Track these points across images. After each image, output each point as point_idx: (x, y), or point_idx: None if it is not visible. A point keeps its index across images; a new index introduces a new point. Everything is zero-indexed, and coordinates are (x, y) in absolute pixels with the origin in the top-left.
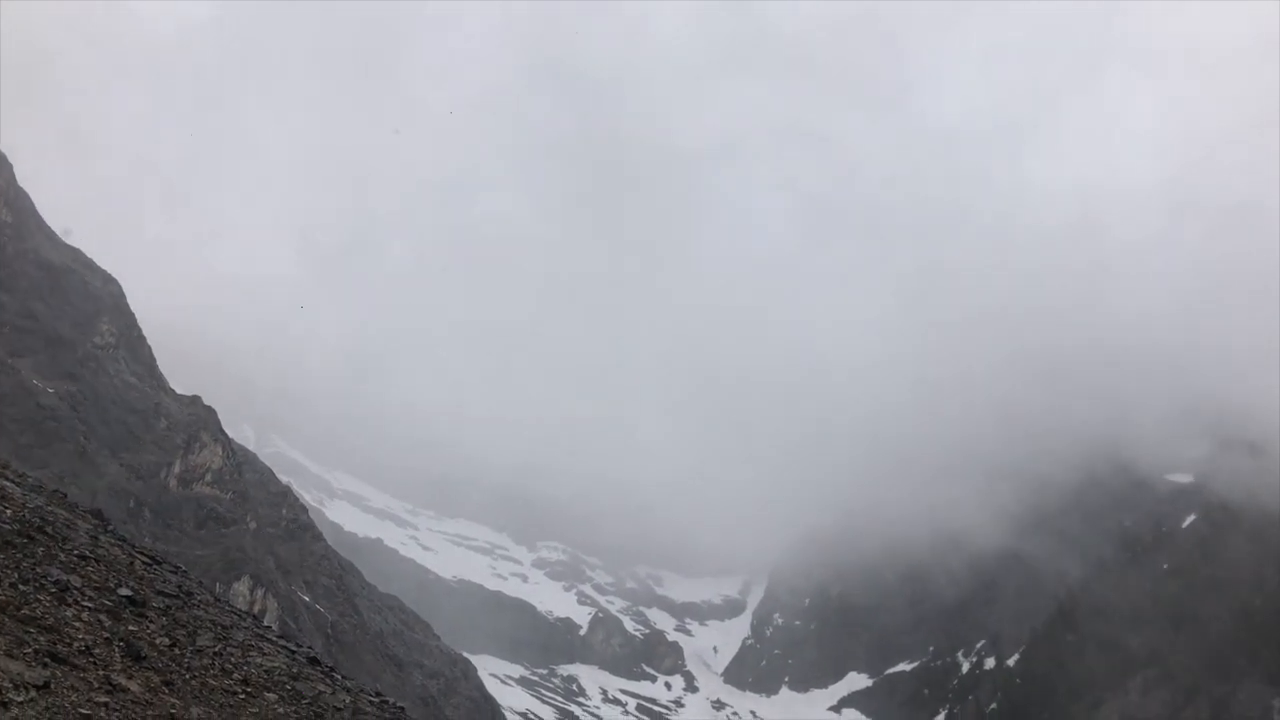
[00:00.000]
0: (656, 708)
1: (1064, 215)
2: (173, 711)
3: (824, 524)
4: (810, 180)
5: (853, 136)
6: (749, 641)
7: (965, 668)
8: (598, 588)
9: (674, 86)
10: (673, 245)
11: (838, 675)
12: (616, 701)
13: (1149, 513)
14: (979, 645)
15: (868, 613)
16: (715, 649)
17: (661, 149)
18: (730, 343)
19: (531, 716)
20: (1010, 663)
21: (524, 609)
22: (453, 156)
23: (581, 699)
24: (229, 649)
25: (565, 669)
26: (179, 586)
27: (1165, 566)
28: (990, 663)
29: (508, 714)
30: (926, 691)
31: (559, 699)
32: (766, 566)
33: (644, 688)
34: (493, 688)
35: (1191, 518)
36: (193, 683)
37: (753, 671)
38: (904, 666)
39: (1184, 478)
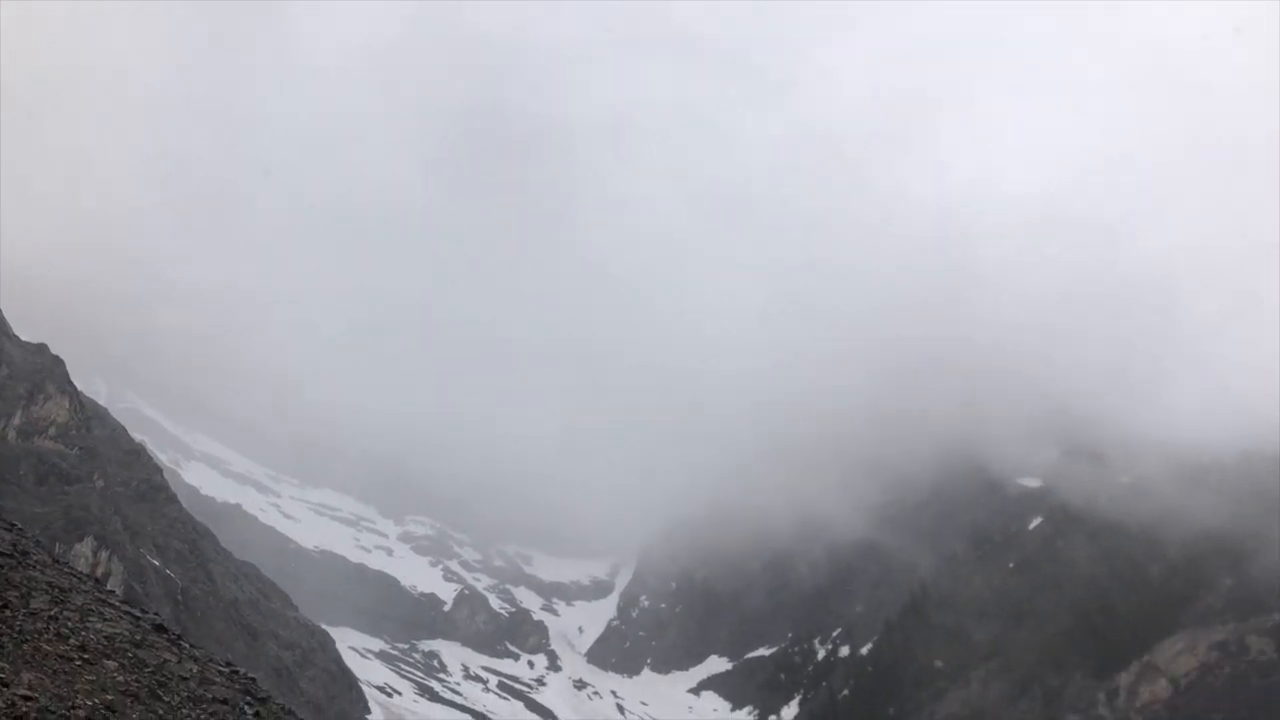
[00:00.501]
0: (518, 685)
1: (937, 222)
2: (1, 677)
3: (694, 510)
4: (697, 167)
5: (741, 127)
6: (614, 623)
7: (821, 655)
8: (465, 564)
9: (566, 61)
10: (557, 221)
11: (699, 658)
12: (478, 678)
13: (999, 512)
14: (835, 633)
15: (731, 598)
16: (580, 629)
17: (549, 123)
18: (610, 323)
19: (390, 690)
20: (863, 651)
21: (387, 583)
22: (334, 113)
23: (442, 675)
24: (66, 613)
25: (427, 644)
26: (13, 545)
27: (1011, 564)
28: (845, 650)
29: (365, 688)
30: (783, 676)
31: (419, 674)
32: (635, 550)
33: (507, 665)
34: (351, 661)
35: (1038, 520)
36: (24, 647)
37: (616, 652)
38: (763, 652)
39: (1033, 482)
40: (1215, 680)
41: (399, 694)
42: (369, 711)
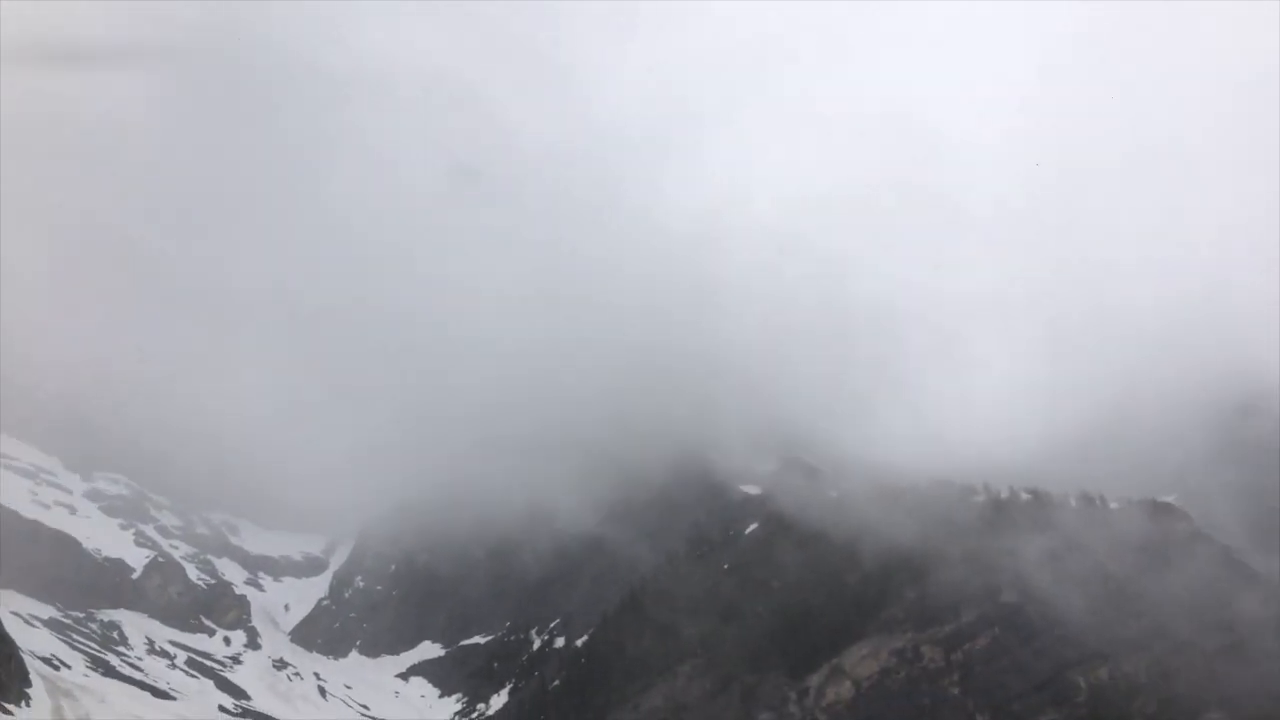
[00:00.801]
0: (209, 663)
1: (690, 232)
2: None
3: (420, 492)
4: (462, 139)
5: (511, 110)
6: (325, 602)
7: (536, 644)
8: (162, 530)
9: (328, 3)
10: (299, 171)
11: (412, 643)
12: (164, 653)
13: (720, 516)
14: (553, 624)
15: (451, 584)
16: (287, 607)
17: (301, 66)
18: (348, 288)
19: (57, 663)
20: (579, 643)
21: (65, 543)
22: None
23: (122, 648)
24: None
25: (108, 614)
26: None
27: (726, 566)
28: (560, 641)
29: (27, 658)
30: (496, 665)
31: (94, 646)
32: (355, 528)
33: (199, 641)
34: (14, 628)
35: (754, 525)
36: None
37: (324, 633)
38: (478, 639)
39: (753, 489)
40: (892, 684)
41: (67, 666)
42: (29, 684)
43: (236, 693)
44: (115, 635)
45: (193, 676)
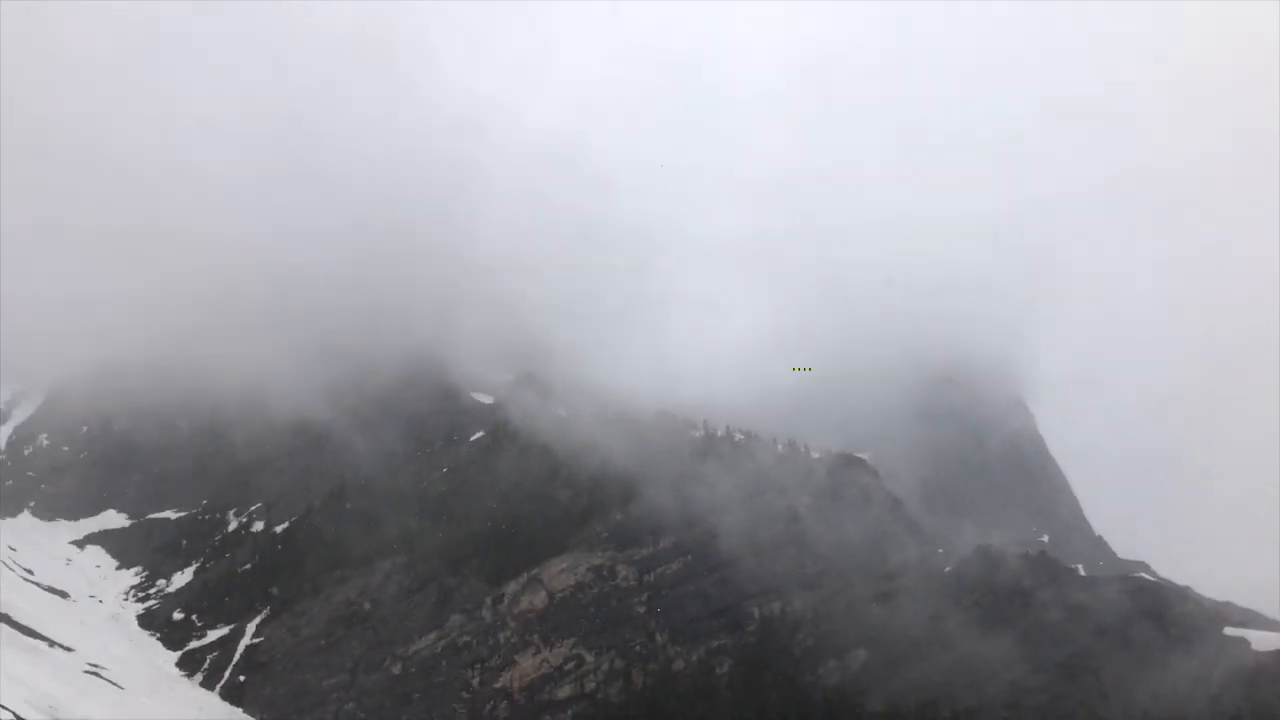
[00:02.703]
0: None
1: (462, 117)
2: None
3: (125, 351)
4: None
5: None
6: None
7: (232, 526)
8: None
9: None
10: None
11: (94, 511)
12: None
13: (447, 420)
14: (254, 508)
15: (150, 455)
16: None
17: None
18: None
19: None
20: (279, 529)
21: None
22: None
23: None
24: None
25: None
26: None
27: (444, 469)
28: (259, 526)
29: None
30: (185, 542)
31: None
32: (47, 382)
33: None
34: None
35: (480, 433)
36: None
37: None
38: (169, 514)
39: (485, 398)
40: (584, 598)
41: None
42: None
43: None
44: None
45: None
